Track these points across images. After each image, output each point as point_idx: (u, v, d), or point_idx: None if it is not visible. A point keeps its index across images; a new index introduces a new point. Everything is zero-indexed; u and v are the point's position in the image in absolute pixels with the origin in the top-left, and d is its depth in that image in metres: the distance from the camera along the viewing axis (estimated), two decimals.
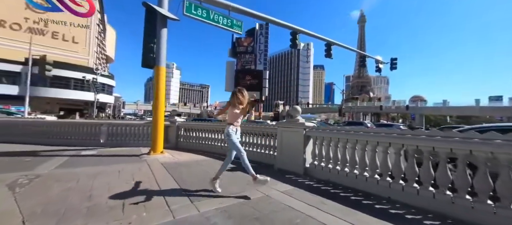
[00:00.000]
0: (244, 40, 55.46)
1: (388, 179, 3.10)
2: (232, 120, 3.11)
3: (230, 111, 3.13)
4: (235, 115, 3.11)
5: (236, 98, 3.09)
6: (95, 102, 34.58)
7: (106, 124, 7.76)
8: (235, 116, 3.11)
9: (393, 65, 15.22)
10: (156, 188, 3.14)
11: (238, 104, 3.11)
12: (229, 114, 3.15)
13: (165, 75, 5.92)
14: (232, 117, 3.12)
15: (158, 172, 4.05)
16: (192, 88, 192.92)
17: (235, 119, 3.12)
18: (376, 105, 54.71)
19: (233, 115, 3.11)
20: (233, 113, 3.11)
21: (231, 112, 3.12)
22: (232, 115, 3.12)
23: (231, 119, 3.11)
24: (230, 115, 3.14)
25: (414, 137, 2.88)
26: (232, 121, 3.11)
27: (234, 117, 3.11)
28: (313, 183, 3.64)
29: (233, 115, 3.11)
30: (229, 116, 3.14)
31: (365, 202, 2.87)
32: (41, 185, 3.18)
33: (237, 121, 3.13)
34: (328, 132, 4.02)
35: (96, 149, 6.64)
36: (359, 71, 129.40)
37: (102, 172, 3.95)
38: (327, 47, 11.62)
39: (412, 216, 2.46)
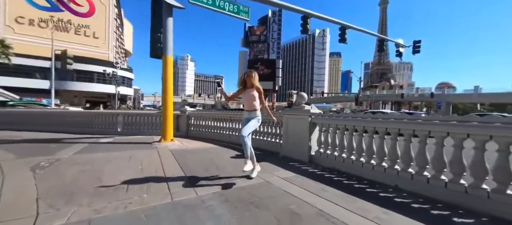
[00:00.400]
0: (257, 29, 54.48)
1: (396, 167, 2.93)
2: (246, 105, 3.12)
3: (242, 96, 3.14)
4: (248, 98, 3.09)
5: (248, 79, 3.06)
6: (117, 94, 36.63)
7: (122, 114, 8.18)
8: (248, 99, 3.09)
9: (416, 48, 14.04)
10: (161, 173, 3.26)
11: (249, 87, 3.07)
12: (248, 101, 3.10)
13: (172, 64, 6.01)
14: (245, 102, 3.12)
15: (165, 158, 4.21)
16: (206, 79, 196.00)
17: (250, 103, 3.09)
18: (397, 93, 51.57)
19: (246, 99, 3.11)
20: (251, 97, 3.07)
21: (244, 97, 3.12)
22: (246, 100, 3.11)
23: (246, 104, 3.12)
24: (244, 101, 3.13)
25: (426, 123, 2.65)
26: (247, 107, 3.12)
27: (247, 101, 3.10)
28: (317, 171, 3.55)
29: (246, 99, 3.11)
30: (244, 101, 3.14)
31: (369, 190, 2.75)
32: (59, 168, 3.45)
33: (246, 105, 3.11)
34: (334, 118, 3.86)
35: (113, 137, 7.05)
36: (379, 57, 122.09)
37: (115, 157, 4.19)
38: (342, 31, 10.99)
39: (419, 206, 2.31)
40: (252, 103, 3.08)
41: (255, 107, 3.09)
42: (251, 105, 3.09)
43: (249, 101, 3.10)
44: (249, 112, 3.11)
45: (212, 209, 2.10)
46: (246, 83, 3.08)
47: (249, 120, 3.09)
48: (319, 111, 4.33)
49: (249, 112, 3.11)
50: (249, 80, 3.05)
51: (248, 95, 3.09)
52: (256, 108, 3.09)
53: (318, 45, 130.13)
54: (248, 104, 3.11)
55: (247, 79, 3.06)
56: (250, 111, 3.10)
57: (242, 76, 3.14)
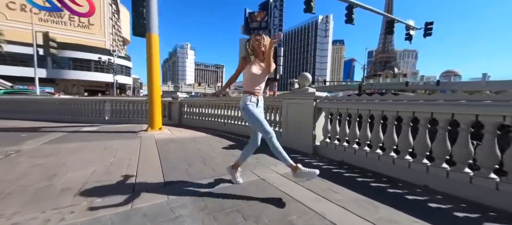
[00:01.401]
0: (258, 15, 52.47)
1: (425, 162, 2.31)
2: (248, 86, 2.07)
3: (246, 72, 2.07)
4: (252, 77, 2.04)
5: (256, 44, 2.05)
6: (115, 83, 35.94)
7: (110, 101, 7.57)
8: (252, 79, 2.05)
9: (428, 30, 13.01)
10: (133, 167, 2.68)
11: (255, 59, 2.07)
12: (245, 77, 2.10)
13: (158, 43, 5.29)
14: (248, 81, 2.07)
15: (145, 150, 3.63)
16: (207, 68, 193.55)
17: (253, 84, 2.06)
18: (401, 81, 50.35)
19: (249, 78, 2.05)
20: (249, 75, 2.04)
21: (247, 74, 2.07)
22: (249, 78, 2.06)
23: (248, 85, 2.07)
24: (245, 79, 2.09)
25: (470, 104, 1.99)
26: (248, 88, 2.07)
27: (251, 81, 2.06)
28: (322, 165, 2.95)
29: (249, 77, 2.05)
30: (244, 80, 2.10)
31: (391, 190, 2.15)
32: (14, 161, 2.88)
33: (256, 86, 2.07)
34: (344, 102, 3.20)
35: (99, 126, 6.49)
36: (383, 44, 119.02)
37: (87, 148, 3.61)
38: (348, 10, 10.03)
39: (465, 214, 1.71)
40: (263, 82, 2.11)
41: (262, 88, 2.14)
42: (261, 86, 2.10)
43: (260, 79, 2.08)
44: (259, 95, 2.12)
45: (180, 222, 1.51)
46: (256, 53, 2.08)
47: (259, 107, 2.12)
48: (325, 94, 3.67)
49: (259, 95, 2.12)
50: (259, 48, 2.05)
51: (260, 70, 2.07)
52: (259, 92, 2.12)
53: (320, 32, 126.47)
54: (259, 84, 2.09)
55: (257, 47, 2.06)
56: (260, 93, 2.12)
57: (248, 42, 2.15)
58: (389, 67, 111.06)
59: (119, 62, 40.60)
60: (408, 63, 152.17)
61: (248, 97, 2.05)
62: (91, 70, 37.94)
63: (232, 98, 6.20)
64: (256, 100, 2.08)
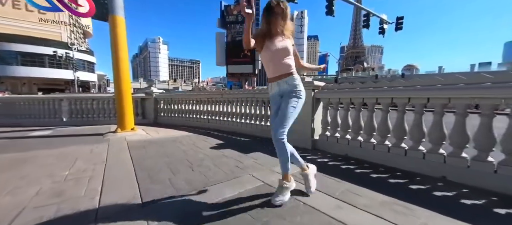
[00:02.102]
0: (234, 8, 48.72)
1: (441, 151, 2.13)
2: (272, 68, 1.60)
3: (262, 52, 1.58)
4: (271, 56, 1.57)
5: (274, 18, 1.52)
6: (75, 80, 32.04)
7: (67, 98, 6.41)
8: (271, 58, 1.57)
9: (399, 25, 13.75)
10: (97, 182, 2.05)
11: (275, 34, 1.55)
12: (276, 59, 1.57)
13: (125, 27, 4.46)
14: (270, 61, 1.59)
15: (114, 155, 2.96)
16: (182, 64, 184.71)
17: (272, 65, 1.59)
18: (371, 75, 53.81)
19: (266, 59, 1.60)
20: (266, 54, 1.58)
21: (268, 52, 1.56)
22: (265, 59, 1.60)
23: (271, 68, 1.61)
24: (262, 60, 1.62)
25: (490, 87, 1.82)
26: (267, 72, 1.64)
27: (268, 62, 1.60)
28: (327, 161, 2.65)
29: (266, 57, 1.59)
30: (279, 60, 1.57)
31: (413, 187, 1.91)
32: None
33: (275, 68, 1.59)
34: (347, 91, 2.93)
35: (53, 129, 5.41)
36: (354, 40, 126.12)
37: (34, 158, 2.81)
38: (329, 2, 9.99)
39: (507, 210, 1.51)
40: (284, 61, 1.57)
41: (291, 69, 1.60)
42: (282, 67, 1.58)
43: (278, 59, 1.57)
44: (280, 79, 1.59)
45: None
46: (271, 26, 1.54)
47: (283, 97, 1.60)
48: (323, 83, 3.38)
49: (280, 79, 1.59)
50: (276, 21, 1.53)
51: (276, 48, 1.55)
52: (292, 71, 1.61)
53: (296, 28, 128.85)
54: (277, 66, 1.58)
55: (273, 19, 1.52)
56: (282, 77, 1.58)
57: (267, 9, 1.55)
58: (359, 62, 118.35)
59: (80, 57, 36.35)
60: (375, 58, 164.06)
61: (298, 78, 1.62)
62: (45, 66, 33.31)
63: (216, 92, 5.63)
64: (277, 88, 1.63)
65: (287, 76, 1.58)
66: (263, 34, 1.57)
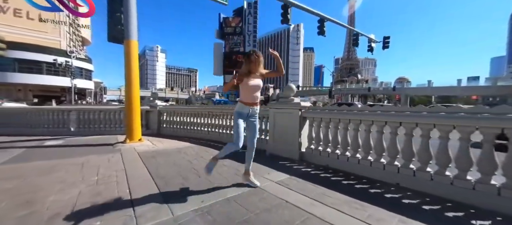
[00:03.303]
0: (232, 20, 52.64)
1: (396, 164, 2.72)
2: (245, 96, 2.39)
3: (243, 84, 2.35)
4: (251, 89, 2.37)
5: (253, 64, 2.33)
6: (73, 87, 32.19)
7: (76, 110, 6.86)
8: (251, 90, 2.38)
9: (386, 44, 14.82)
10: (124, 185, 2.56)
11: (255, 73, 2.36)
12: (242, 89, 2.40)
13: (137, 50, 5.07)
14: (246, 92, 2.39)
15: (130, 164, 3.45)
16: (179, 72, 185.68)
17: (251, 95, 2.39)
18: (364, 87, 55.50)
19: (247, 90, 2.38)
20: (248, 87, 2.36)
21: (245, 86, 2.35)
22: (247, 90, 2.38)
23: (245, 96, 2.39)
24: (243, 90, 2.39)
25: (431, 115, 2.45)
26: (246, 98, 2.39)
27: (249, 92, 2.38)
28: (310, 170, 3.21)
29: (247, 89, 2.37)
30: (242, 91, 2.40)
31: (372, 191, 2.48)
32: None
33: (253, 97, 2.40)
34: (327, 112, 3.54)
35: (64, 139, 5.84)
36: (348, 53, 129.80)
37: (60, 166, 3.28)
38: (320, 23, 10.90)
39: (430, 207, 2.09)
40: (255, 95, 2.43)
41: (257, 100, 2.49)
42: (254, 99, 2.44)
43: (253, 92, 2.40)
44: (252, 106, 2.44)
45: None
46: (252, 67, 2.35)
47: (253, 117, 2.50)
48: (309, 104, 4.00)
49: (252, 106, 2.44)
50: (253, 66, 2.34)
51: (252, 84, 2.37)
52: (258, 102, 2.51)
53: (292, 40, 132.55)
54: (251, 97, 2.41)
55: (253, 63, 2.34)
56: (253, 105, 2.45)
57: (247, 57, 2.38)
58: (354, 74, 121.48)
59: (78, 65, 36.64)
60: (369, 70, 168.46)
61: (243, 107, 2.42)
62: (42, 73, 33.41)
63: (214, 107, 6.19)
64: (249, 110, 2.43)
65: (256, 105, 2.48)
66: (244, 73, 2.36)
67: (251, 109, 2.43)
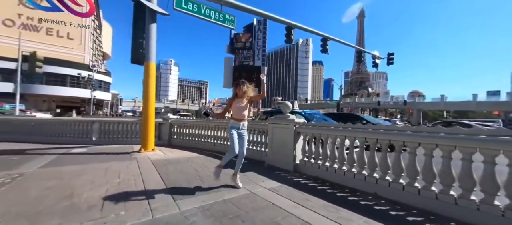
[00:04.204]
0: (242, 36, 54.97)
1: (375, 175, 3.07)
2: (235, 114, 3.17)
3: (233, 105, 3.16)
4: (237, 108, 3.14)
5: (238, 90, 3.14)
6: (92, 99, 34.39)
7: (98, 121, 7.68)
8: (238, 109, 3.14)
9: (390, 60, 15.12)
10: (141, 186, 3.09)
11: (240, 97, 3.15)
12: (233, 108, 3.19)
13: (154, 71, 5.82)
14: (235, 111, 3.17)
15: (145, 170, 4.00)
16: (190, 84, 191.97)
17: (239, 113, 3.14)
18: (374, 101, 54.72)
19: (236, 109, 3.15)
20: (235, 107, 3.15)
21: (234, 107, 3.17)
22: (235, 109, 3.16)
23: (235, 113, 3.17)
24: (233, 109, 3.18)
25: (400, 133, 2.84)
26: (235, 115, 3.16)
27: (237, 111, 3.15)
28: (301, 180, 3.60)
29: (236, 109, 3.15)
30: (233, 110, 3.20)
31: (351, 198, 2.84)
32: (23, 183, 3.12)
33: (240, 114, 3.14)
34: (317, 128, 3.97)
35: (87, 147, 6.57)
36: (358, 67, 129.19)
37: (88, 170, 3.89)
38: (323, 42, 11.50)
39: (396, 213, 2.43)
40: (243, 113, 3.17)
41: (245, 117, 3.19)
42: (242, 116, 3.17)
43: (241, 111, 3.16)
44: (240, 121, 3.15)
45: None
46: (237, 92, 3.18)
47: (243, 130, 3.17)
48: (303, 120, 4.44)
49: (240, 121, 3.15)
50: (240, 91, 3.16)
51: (239, 106, 3.16)
52: (245, 118, 3.20)
53: (301, 54, 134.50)
54: (239, 114, 3.16)
55: (238, 90, 3.17)
56: (241, 120, 3.16)
57: (235, 86, 3.29)
58: (364, 87, 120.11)
59: (98, 78, 39.27)
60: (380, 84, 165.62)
61: (233, 122, 3.13)
62: (66, 85, 36.09)
63: (221, 120, 6.72)
64: (239, 124, 3.11)
65: (244, 121, 3.16)
66: (233, 97, 3.22)
67: (240, 123, 3.12)
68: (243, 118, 3.14)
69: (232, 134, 3.06)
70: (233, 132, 3.07)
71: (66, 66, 35.12)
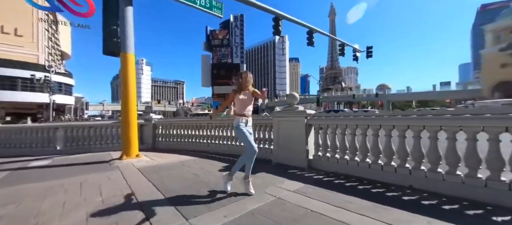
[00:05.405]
0: (219, 33, 53.31)
1: (407, 166, 2.81)
2: (240, 109, 2.68)
3: (236, 100, 2.70)
4: (242, 103, 2.68)
5: (243, 81, 2.68)
6: (51, 104, 30.31)
7: (63, 127, 6.43)
8: (242, 104, 2.68)
9: (369, 53, 15.68)
10: (133, 203, 2.40)
11: (244, 89, 2.69)
12: (235, 104, 2.74)
13: (134, 63, 4.93)
14: (239, 106, 2.69)
15: (134, 180, 3.25)
16: (165, 84, 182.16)
17: (244, 108, 2.69)
18: (349, 94, 57.77)
19: (240, 104, 2.68)
20: (240, 101, 2.68)
21: (237, 101, 2.69)
22: (239, 104, 2.69)
23: (239, 109, 2.69)
24: (237, 104, 2.72)
25: (436, 117, 2.59)
26: (240, 111, 2.68)
27: (241, 106, 2.68)
28: (322, 177, 3.22)
29: (240, 103, 2.68)
30: (236, 105, 2.73)
31: (389, 194, 2.52)
32: None
33: (246, 110, 2.69)
34: (333, 119, 3.62)
35: (51, 158, 5.40)
36: (331, 62, 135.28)
37: (56, 187, 3.01)
38: (309, 34, 11.34)
39: (450, 207, 2.16)
40: (248, 108, 2.75)
41: (250, 112, 2.78)
42: (247, 111, 2.74)
43: (245, 105, 2.73)
44: (246, 117, 2.72)
45: None
46: (241, 85, 2.72)
47: (246, 125, 2.70)
48: (313, 111, 4.06)
49: (246, 117, 2.72)
50: (242, 83, 2.71)
51: (243, 99, 2.71)
52: (250, 114, 2.80)
53: (278, 51, 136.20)
54: (244, 109, 2.72)
55: (242, 82, 2.72)
56: (246, 116, 2.72)
57: (238, 77, 2.79)
58: (338, 82, 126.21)
59: (57, 80, 34.79)
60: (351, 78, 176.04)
61: (239, 118, 2.65)
62: (17, 89, 31.23)
63: (215, 119, 6.03)
64: (246, 121, 2.67)
65: (248, 117, 2.73)
66: (236, 90, 2.71)
67: (246, 119, 2.69)
68: (248, 113, 2.72)
69: (243, 132, 2.60)
70: (243, 129, 2.61)
71: (16, 66, 30.35)
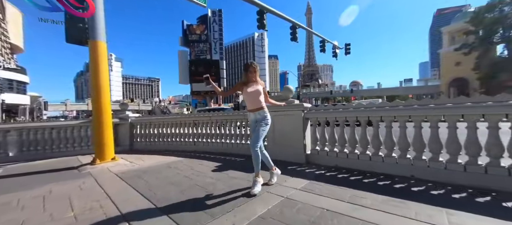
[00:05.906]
0: (196, 27, 51.22)
1: (408, 156, 2.80)
2: (250, 103, 2.58)
3: (245, 92, 2.56)
4: (253, 95, 2.54)
5: (249, 73, 2.54)
6: (0, 104, 26.28)
7: (16, 129, 5.42)
8: (253, 96, 2.54)
9: (347, 50, 16.34)
10: (116, 215, 1.98)
11: (253, 81, 2.56)
12: (246, 97, 2.59)
13: (106, 53, 4.28)
14: (249, 99, 2.58)
15: (114, 189, 2.77)
16: (138, 82, 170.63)
17: (254, 100, 2.56)
18: (327, 90, 60.31)
19: (250, 96, 2.55)
20: (249, 94, 2.54)
21: (246, 94, 2.56)
22: (250, 97, 2.56)
23: (249, 103, 2.59)
24: (247, 98, 2.59)
25: (438, 107, 2.60)
26: (251, 105, 2.58)
27: (252, 98, 2.56)
28: (324, 172, 3.09)
29: (250, 96, 2.55)
30: (247, 99, 2.59)
31: (397, 186, 2.47)
32: None
33: (256, 101, 2.57)
34: (332, 111, 3.51)
35: (1, 168, 4.49)
36: (308, 60, 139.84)
37: (10, 203, 2.41)
38: (293, 29, 11.32)
39: (459, 195, 2.15)
40: (257, 99, 2.56)
41: (261, 104, 2.58)
42: (256, 103, 2.56)
43: (253, 98, 2.56)
44: (256, 111, 2.57)
45: None
46: (249, 77, 2.57)
47: (257, 122, 2.56)
48: (310, 105, 3.93)
49: (256, 111, 2.57)
50: (251, 74, 2.56)
51: (252, 90, 2.55)
52: (263, 106, 2.59)
53: (258, 48, 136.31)
54: (253, 103, 2.57)
55: (250, 73, 2.56)
56: (256, 110, 2.57)
57: (245, 68, 2.60)
58: (315, 79, 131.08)
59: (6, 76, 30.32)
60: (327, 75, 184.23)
61: (249, 114, 2.61)
62: None
63: (199, 115, 5.62)
64: (254, 116, 2.59)
65: (259, 110, 2.55)
66: (243, 82, 2.58)
67: (257, 114, 2.55)
68: (259, 106, 2.55)
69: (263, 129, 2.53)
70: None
71: None
